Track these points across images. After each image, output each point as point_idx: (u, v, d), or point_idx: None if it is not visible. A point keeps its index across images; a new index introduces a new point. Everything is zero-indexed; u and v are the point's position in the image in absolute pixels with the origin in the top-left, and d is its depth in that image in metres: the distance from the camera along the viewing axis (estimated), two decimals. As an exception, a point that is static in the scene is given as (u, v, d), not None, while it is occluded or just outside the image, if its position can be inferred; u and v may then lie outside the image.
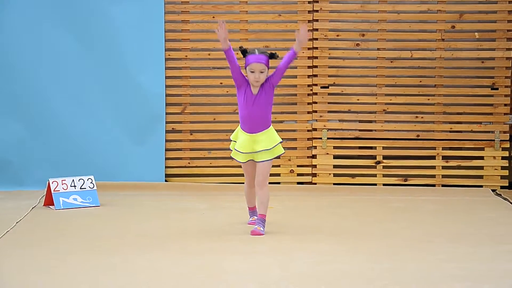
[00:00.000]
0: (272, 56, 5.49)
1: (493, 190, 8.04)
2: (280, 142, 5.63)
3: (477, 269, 4.41)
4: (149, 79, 8.16)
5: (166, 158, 8.31)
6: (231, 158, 6.13)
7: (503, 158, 8.23)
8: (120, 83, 8.15)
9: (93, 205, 6.92)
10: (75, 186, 6.95)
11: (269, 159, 5.57)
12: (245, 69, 5.43)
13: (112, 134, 8.14)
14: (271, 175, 8.35)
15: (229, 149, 8.87)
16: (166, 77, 8.27)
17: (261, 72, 5.38)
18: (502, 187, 8.14)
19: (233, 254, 4.88)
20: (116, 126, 8.16)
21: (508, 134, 8.24)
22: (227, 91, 8.35)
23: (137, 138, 8.19)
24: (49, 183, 6.88)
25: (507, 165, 8.23)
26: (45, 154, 8.06)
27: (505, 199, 7.47)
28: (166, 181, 8.27)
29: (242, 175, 8.44)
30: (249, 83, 5.49)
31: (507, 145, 8.25)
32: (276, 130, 8.39)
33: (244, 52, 5.50)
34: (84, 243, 5.29)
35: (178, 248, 5.11)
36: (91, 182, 7.04)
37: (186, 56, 8.31)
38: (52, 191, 6.84)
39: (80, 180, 7.00)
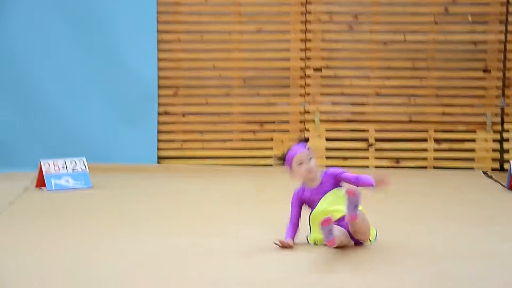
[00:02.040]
0: (305, 140, 4.68)
1: (484, 172, 8.08)
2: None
3: (467, 249, 4.45)
4: (141, 61, 8.14)
5: (159, 140, 8.31)
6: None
7: (494, 140, 8.26)
8: (112, 66, 8.13)
9: (85, 187, 6.92)
10: (66, 167, 6.95)
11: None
12: (291, 171, 4.52)
13: (104, 116, 8.14)
14: (264, 157, 8.38)
15: (221, 131, 8.87)
16: (159, 60, 8.25)
17: (310, 159, 4.46)
18: (493, 169, 8.17)
19: (226, 236, 4.91)
20: (108, 108, 8.15)
21: (500, 117, 8.27)
22: (220, 74, 8.35)
23: (129, 120, 8.18)
24: (40, 164, 6.87)
25: (498, 147, 8.26)
26: (37, 135, 8.05)
27: (496, 181, 7.51)
28: (158, 163, 8.27)
29: (234, 157, 8.50)
30: (306, 190, 4.50)
31: (499, 127, 8.27)
32: (268, 113, 8.48)
33: (282, 158, 4.57)
34: (76, 225, 5.30)
35: (171, 230, 5.13)
36: (83, 164, 7.04)
37: (179, 38, 8.29)
38: (44, 173, 6.84)
39: (72, 162, 7.00)
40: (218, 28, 8.28)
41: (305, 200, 4.50)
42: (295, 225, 4.43)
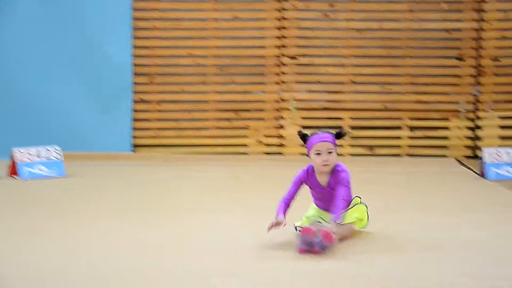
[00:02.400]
0: (339, 135, 4.41)
1: (457, 160, 8.15)
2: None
3: (443, 237, 4.49)
4: (116, 48, 8.08)
5: (134, 129, 8.26)
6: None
7: (468, 128, 8.33)
8: (86, 53, 8.05)
9: (59, 175, 6.86)
10: (40, 156, 6.88)
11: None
12: (308, 155, 4.37)
13: (79, 104, 8.07)
14: (240, 145, 8.37)
15: (197, 119, 8.85)
16: (134, 47, 8.19)
17: (329, 153, 4.30)
18: (466, 157, 8.25)
19: (203, 223, 4.90)
20: (82, 96, 8.08)
21: (473, 105, 8.34)
22: (195, 62, 8.31)
23: (104, 108, 8.12)
24: (13, 153, 6.79)
25: (472, 135, 8.34)
26: (9, 123, 7.96)
27: (469, 168, 7.58)
28: (133, 151, 8.23)
29: (210, 145, 8.48)
30: (313, 176, 4.37)
31: (472, 115, 8.35)
32: (243, 101, 8.46)
33: (305, 136, 4.41)
34: (51, 214, 5.26)
35: (147, 218, 5.11)
36: (57, 152, 6.97)
37: (154, 26, 8.23)
38: (17, 161, 6.76)
39: (46, 150, 6.92)
40: (193, 16, 8.24)
41: (306, 183, 4.42)
42: (288, 201, 4.34)
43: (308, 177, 4.37)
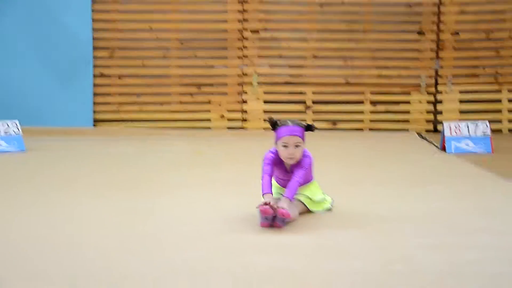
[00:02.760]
0: (309, 128, 4.33)
1: (418, 134, 8.23)
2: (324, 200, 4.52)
3: (403, 209, 4.54)
4: (75, 21, 7.96)
5: (95, 103, 8.18)
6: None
7: (428, 102, 8.41)
8: (45, 26, 7.93)
9: (18, 150, 6.76)
10: (-1, 131, 6.77)
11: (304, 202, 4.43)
12: (276, 143, 4.31)
13: (38, 78, 7.95)
14: (202, 119, 8.34)
15: (158, 94, 8.81)
16: (93, 20, 8.07)
17: (296, 146, 4.26)
18: (427, 131, 8.34)
19: (164, 198, 4.88)
20: (42, 70, 7.96)
21: (434, 79, 8.42)
22: (156, 36, 8.23)
23: (64, 83, 8.02)
24: (-28, 128, 6.68)
25: (432, 109, 8.42)
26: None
27: (430, 142, 7.67)
28: (94, 126, 8.15)
29: (171, 119, 8.43)
30: (280, 158, 4.33)
31: (433, 89, 8.42)
32: (206, 75, 8.41)
33: (275, 124, 4.33)
34: (11, 189, 5.19)
35: (108, 193, 5.07)
36: (16, 127, 6.86)
37: (114, -2, 8.13)
38: (-25, 137, 6.66)
39: (4, 125, 6.81)
40: (154, -11, 8.15)
41: (274, 163, 4.43)
42: (270, 177, 4.27)
43: (275, 158, 4.37)
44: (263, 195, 4.21)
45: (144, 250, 3.69)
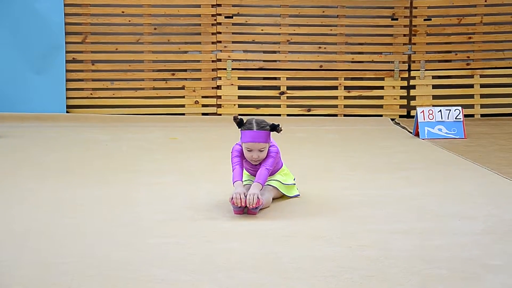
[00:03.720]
0: (274, 128, 4.24)
1: (392, 119, 8.28)
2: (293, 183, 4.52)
3: (376, 195, 4.57)
4: (46, 6, 7.87)
5: (67, 89, 8.11)
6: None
7: (402, 87, 8.45)
8: (16, 11, 7.83)
9: (-9, 137, 6.70)
10: (-30, 118, 6.70)
11: (276, 186, 4.41)
12: (240, 145, 4.28)
13: (9, 64, 7.86)
14: (176, 105, 8.31)
15: (132, 79, 8.78)
16: (65, 5, 7.99)
17: (260, 151, 4.22)
18: (400, 116, 8.39)
19: (139, 185, 4.87)
20: (13, 56, 7.87)
21: (407, 64, 8.46)
22: (129, 20, 8.17)
23: (36, 69, 7.94)
24: None
25: (406, 94, 8.47)
26: None
27: (403, 127, 7.71)
28: (67, 112, 8.09)
29: (145, 105, 8.38)
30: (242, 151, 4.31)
31: (406, 75, 8.47)
32: (179, 60, 8.37)
33: (240, 123, 4.24)
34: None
35: (81, 180, 5.04)
36: (-13, 114, 6.79)
37: (86, -17, 8.04)
38: None
39: (-24, 112, 6.75)
40: (126, -27, 8.08)
41: (242, 156, 4.39)
42: (241, 168, 4.28)
43: (243, 151, 4.35)
44: (233, 183, 4.22)
45: (118, 237, 3.68)
